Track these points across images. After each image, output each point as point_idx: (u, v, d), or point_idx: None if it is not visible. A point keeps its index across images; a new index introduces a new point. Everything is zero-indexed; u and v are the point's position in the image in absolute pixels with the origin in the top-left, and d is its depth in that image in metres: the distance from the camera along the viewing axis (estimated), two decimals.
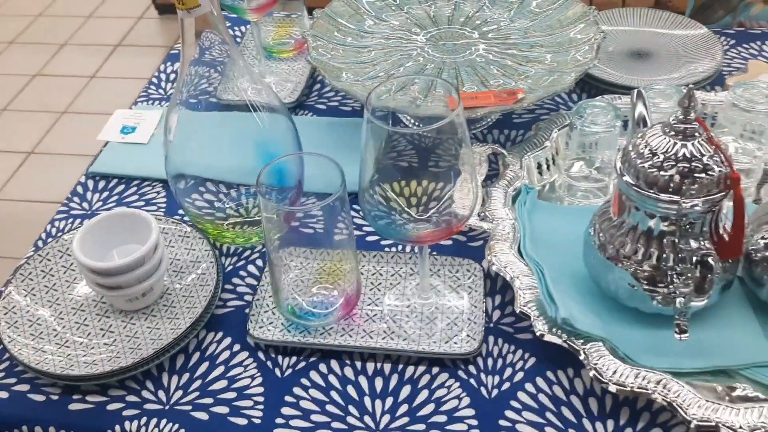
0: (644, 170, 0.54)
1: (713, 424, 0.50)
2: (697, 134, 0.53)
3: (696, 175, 0.52)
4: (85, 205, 0.76)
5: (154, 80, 0.94)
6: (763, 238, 0.58)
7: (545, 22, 0.84)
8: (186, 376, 0.59)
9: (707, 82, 0.85)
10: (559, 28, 0.83)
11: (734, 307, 0.59)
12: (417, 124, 0.83)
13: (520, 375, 0.58)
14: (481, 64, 0.80)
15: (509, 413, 0.55)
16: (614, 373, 0.53)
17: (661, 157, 0.53)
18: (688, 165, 0.52)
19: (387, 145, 0.53)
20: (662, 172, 0.53)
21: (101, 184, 0.78)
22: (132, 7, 2.83)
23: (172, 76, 0.94)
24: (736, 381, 0.55)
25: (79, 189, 0.78)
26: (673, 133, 0.54)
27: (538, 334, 0.57)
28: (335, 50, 0.82)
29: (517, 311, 0.58)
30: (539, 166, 0.74)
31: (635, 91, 0.66)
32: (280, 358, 0.60)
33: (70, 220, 0.74)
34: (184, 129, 0.66)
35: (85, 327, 0.61)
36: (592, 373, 0.54)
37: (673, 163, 0.53)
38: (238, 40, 1.00)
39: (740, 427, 0.49)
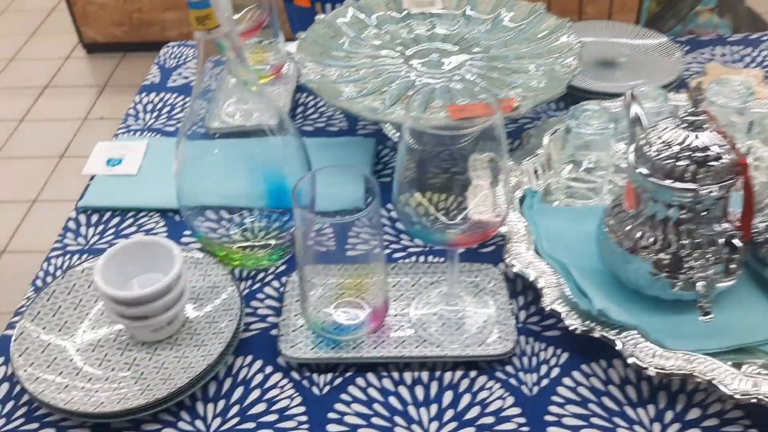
0: (660, 162, 0.57)
1: (755, 396, 0.52)
2: (706, 125, 0.57)
3: (710, 163, 0.56)
4: (81, 240, 0.73)
5: (132, 112, 0.91)
6: (763, 221, 0.62)
7: (522, 35, 0.88)
8: (222, 404, 0.57)
9: (672, 85, 0.90)
10: (536, 40, 0.86)
11: (744, 288, 0.63)
12: (414, 138, 0.84)
13: (556, 371, 0.59)
14: (469, 77, 0.83)
15: (553, 408, 0.56)
16: (653, 356, 0.55)
17: (676, 148, 0.56)
18: (702, 154, 0.56)
19: (417, 157, 0.54)
20: (678, 163, 0.56)
21: (94, 218, 0.75)
22: (58, 48, 2.75)
23: (149, 106, 0.92)
24: (756, 357, 0.58)
25: (72, 225, 0.74)
26: (684, 125, 0.57)
27: (571, 328, 0.58)
28: (324, 72, 0.82)
29: (546, 309, 0.60)
30: (535, 171, 0.77)
31: (629, 92, 0.69)
32: (314, 376, 0.59)
33: (67, 256, 0.71)
34: (191, 158, 0.65)
35: (107, 362, 0.58)
36: (631, 360, 0.55)
37: (688, 153, 0.56)
38: None
39: None
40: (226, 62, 0.60)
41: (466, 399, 0.57)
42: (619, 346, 0.56)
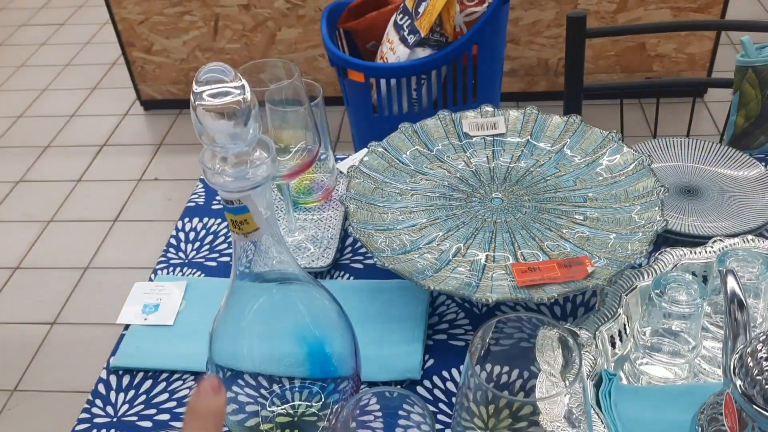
0: None
1: None
2: None
3: None
4: (110, 409, 0.67)
5: (173, 241, 0.86)
6: None
7: (592, 168, 0.80)
8: None
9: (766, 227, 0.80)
10: (611, 179, 0.78)
11: None
12: (477, 308, 0.76)
13: None
14: (536, 226, 0.75)
15: None
16: None
17: None
18: None
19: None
20: None
21: (125, 380, 0.70)
22: (116, 105, 2.79)
23: (191, 235, 0.87)
24: None
25: (101, 388, 0.69)
26: None
27: None
28: (375, 213, 0.76)
29: None
30: (611, 338, 0.68)
31: (725, 270, 0.60)
32: None
33: (94, 430, 0.65)
34: (225, 310, 0.58)
35: None
36: None
37: None
38: None
39: None
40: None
41: None
42: None
